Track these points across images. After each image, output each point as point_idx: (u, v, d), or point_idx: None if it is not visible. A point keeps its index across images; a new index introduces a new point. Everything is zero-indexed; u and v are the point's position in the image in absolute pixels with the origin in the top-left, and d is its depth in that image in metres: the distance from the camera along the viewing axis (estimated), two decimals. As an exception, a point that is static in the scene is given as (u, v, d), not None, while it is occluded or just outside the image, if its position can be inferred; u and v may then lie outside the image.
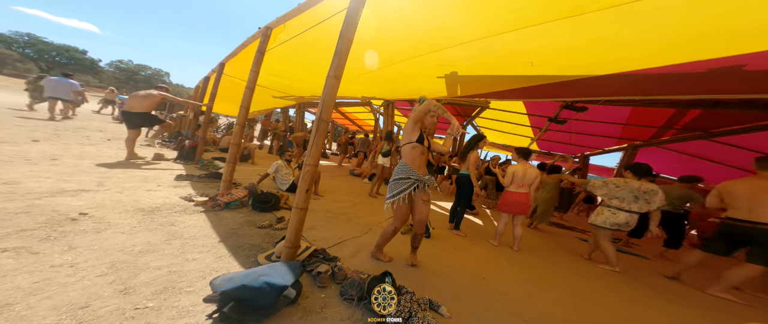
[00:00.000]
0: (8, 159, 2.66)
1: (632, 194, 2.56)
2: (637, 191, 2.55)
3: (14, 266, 1.20)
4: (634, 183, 2.57)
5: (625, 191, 2.58)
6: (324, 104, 1.51)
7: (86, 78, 32.68)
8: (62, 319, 0.98)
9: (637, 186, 2.55)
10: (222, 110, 8.43)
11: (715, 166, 5.67)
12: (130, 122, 3.76)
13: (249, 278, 1.16)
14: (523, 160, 2.86)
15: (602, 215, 2.70)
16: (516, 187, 2.80)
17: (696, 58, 1.39)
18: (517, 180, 2.78)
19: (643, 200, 2.53)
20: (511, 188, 2.82)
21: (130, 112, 3.71)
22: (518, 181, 2.78)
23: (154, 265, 1.39)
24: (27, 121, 4.99)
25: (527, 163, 2.84)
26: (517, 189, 2.80)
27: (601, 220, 2.70)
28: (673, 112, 4.38)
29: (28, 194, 1.94)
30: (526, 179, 2.74)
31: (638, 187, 2.56)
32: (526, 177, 2.75)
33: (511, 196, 2.83)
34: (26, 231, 1.48)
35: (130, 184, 2.64)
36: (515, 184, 2.80)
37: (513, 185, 2.81)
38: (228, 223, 2.16)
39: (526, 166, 2.81)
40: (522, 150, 2.88)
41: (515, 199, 2.80)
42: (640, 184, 2.56)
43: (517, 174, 2.80)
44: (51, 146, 3.52)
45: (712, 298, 2.35)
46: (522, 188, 2.77)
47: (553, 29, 1.44)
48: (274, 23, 2.56)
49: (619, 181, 2.66)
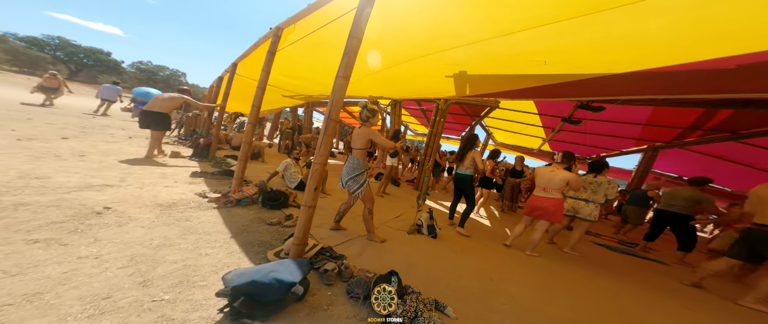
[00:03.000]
0: (40, 155, 2.85)
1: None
2: (584, 182, 3.02)
3: (45, 257, 1.29)
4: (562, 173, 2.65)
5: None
6: (333, 103, 1.53)
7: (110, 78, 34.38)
8: (87, 308, 1.04)
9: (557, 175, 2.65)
10: (235, 109, 8.68)
11: (742, 169, 5.32)
12: (145, 121, 3.82)
13: (259, 274, 1.19)
14: (558, 164, 2.69)
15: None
16: (539, 190, 2.67)
17: (724, 54, 1.30)
18: (541, 183, 2.65)
19: (589, 190, 3.03)
20: (536, 192, 2.70)
21: (151, 111, 3.83)
22: (541, 185, 2.65)
23: (170, 259, 1.45)
24: (59, 119, 5.33)
25: (556, 166, 2.67)
26: (539, 193, 2.66)
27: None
28: (702, 112, 4.13)
29: (58, 188, 2.08)
30: (552, 184, 2.56)
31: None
32: (551, 181, 2.58)
33: (532, 201, 2.71)
34: (56, 223, 1.58)
35: (150, 180, 2.77)
36: (539, 187, 2.67)
37: (537, 189, 2.70)
38: (239, 219, 2.22)
39: (553, 169, 2.65)
40: (567, 153, 2.71)
41: (536, 204, 2.66)
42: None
43: (539, 177, 2.68)
44: (79, 143, 3.75)
45: (741, 308, 2.21)
46: (545, 193, 2.61)
47: (567, 28, 1.38)
48: (285, 23, 2.60)
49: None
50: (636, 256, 3.65)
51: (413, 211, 3.45)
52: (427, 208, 2.96)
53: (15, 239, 1.37)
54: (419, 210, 2.86)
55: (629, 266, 3.12)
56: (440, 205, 4.71)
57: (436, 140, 5.41)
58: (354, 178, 2.09)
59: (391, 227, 2.81)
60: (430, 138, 5.46)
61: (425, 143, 5.66)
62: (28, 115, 5.21)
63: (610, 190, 2.98)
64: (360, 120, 2.16)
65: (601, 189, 2.99)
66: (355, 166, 2.10)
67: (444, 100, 5.17)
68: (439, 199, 5.31)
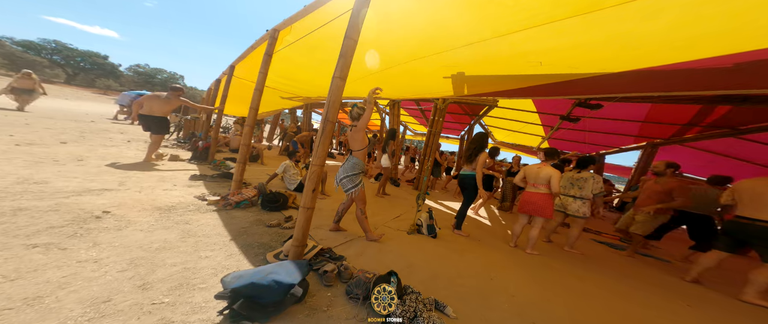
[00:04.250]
0: (39, 160, 2.86)
1: (568, 181, 3.15)
2: (571, 179, 3.15)
3: (44, 261, 1.29)
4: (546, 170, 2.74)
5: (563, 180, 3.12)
6: (330, 105, 1.53)
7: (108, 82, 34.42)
8: (87, 311, 1.04)
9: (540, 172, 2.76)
10: (233, 111, 8.68)
11: (743, 165, 5.33)
12: (146, 125, 3.84)
13: (258, 276, 1.20)
14: (545, 161, 2.87)
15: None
16: (529, 186, 2.81)
17: (721, 52, 1.31)
18: (530, 179, 2.79)
19: (576, 186, 3.09)
20: (527, 188, 2.83)
21: (151, 115, 3.82)
22: (530, 181, 2.80)
23: (169, 262, 1.45)
24: (56, 124, 5.33)
25: (543, 163, 2.82)
26: (530, 188, 2.80)
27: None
28: (699, 109, 4.14)
29: (57, 193, 2.08)
30: (539, 179, 2.71)
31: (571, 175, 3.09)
32: (537, 177, 2.73)
33: (524, 196, 2.85)
34: (55, 228, 1.59)
35: (149, 184, 2.77)
36: (528, 183, 2.82)
37: (528, 185, 2.82)
38: (239, 221, 2.23)
39: (540, 165, 2.79)
40: (548, 150, 2.93)
41: (527, 199, 2.79)
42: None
43: (528, 173, 2.81)
44: (77, 147, 3.75)
45: (742, 304, 2.22)
46: (535, 188, 2.74)
47: (561, 28, 1.39)
48: (281, 25, 2.60)
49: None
50: (639, 254, 3.64)
51: (413, 211, 3.45)
52: (426, 208, 2.97)
53: (14, 244, 1.37)
54: (419, 210, 2.86)
55: (630, 264, 3.12)
56: (440, 205, 4.72)
57: (435, 140, 5.42)
58: (350, 177, 2.12)
59: (391, 227, 2.81)
60: (429, 137, 5.47)
61: (424, 143, 5.67)
62: (26, 120, 5.21)
63: (596, 185, 3.02)
64: (351, 118, 2.16)
65: (587, 184, 3.03)
66: (353, 165, 2.13)
67: (442, 100, 5.18)
68: (439, 199, 5.31)
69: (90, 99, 18.71)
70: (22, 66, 26.88)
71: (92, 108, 8.51)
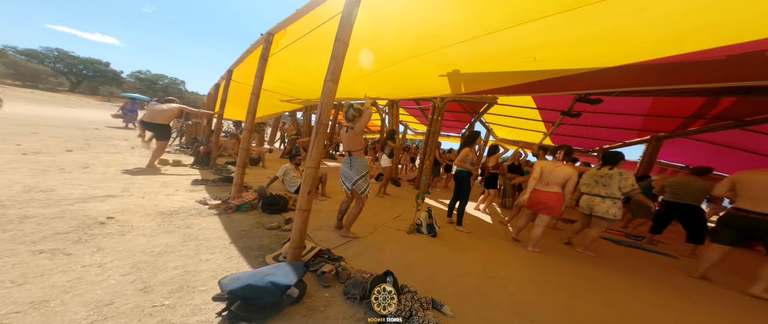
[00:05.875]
0: (46, 168, 2.92)
1: (592, 179, 2.88)
2: (595, 176, 2.87)
3: (50, 266, 1.33)
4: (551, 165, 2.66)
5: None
6: (322, 107, 1.55)
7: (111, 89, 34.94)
8: (90, 314, 1.08)
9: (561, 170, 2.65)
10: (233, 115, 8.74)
11: (749, 156, 5.23)
12: (151, 132, 3.99)
13: (255, 278, 1.22)
14: (558, 158, 2.68)
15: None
16: (542, 185, 2.65)
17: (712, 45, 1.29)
18: (545, 177, 2.61)
19: (601, 184, 2.80)
20: (538, 186, 2.68)
21: (152, 122, 3.92)
22: (544, 179, 2.62)
23: (171, 265, 1.49)
24: (61, 132, 5.44)
25: (560, 161, 2.66)
26: (542, 187, 2.64)
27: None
28: (704, 101, 4.07)
29: (62, 200, 2.13)
30: (554, 177, 2.56)
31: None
32: (551, 174, 2.57)
33: (535, 195, 2.67)
34: (61, 234, 1.63)
35: (151, 189, 2.82)
36: (542, 181, 2.64)
37: (539, 183, 2.66)
38: (239, 224, 2.26)
39: (557, 163, 2.63)
40: (569, 149, 2.72)
41: (538, 198, 2.64)
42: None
43: (544, 171, 2.62)
44: (83, 155, 3.82)
45: (750, 300, 2.19)
46: (549, 187, 2.59)
47: (553, 23, 1.38)
48: (275, 29, 2.63)
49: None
50: (643, 249, 3.60)
51: (413, 211, 3.46)
52: (426, 207, 2.97)
53: (21, 250, 1.42)
54: (418, 209, 2.87)
55: (635, 260, 3.07)
56: (440, 204, 4.72)
57: (434, 138, 5.41)
58: (364, 178, 2.17)
59: (391, 227, 2.82)
60: (429, 136, 5.46)
61: (424, 142, 5.67)
62: (33, 129, 5.33)
63: (623, 182, 2.62)
64: (346, 120, 2.18)
65: (612, 182, 2.66)
66: (363, 165, 2.18)
67: (441, 99, 5.17)
68: (440, 198, 5.30)
69: (94, 106, 19.01)
70: (27, 75, 27.31)
71: (96, 115, 8.66)
